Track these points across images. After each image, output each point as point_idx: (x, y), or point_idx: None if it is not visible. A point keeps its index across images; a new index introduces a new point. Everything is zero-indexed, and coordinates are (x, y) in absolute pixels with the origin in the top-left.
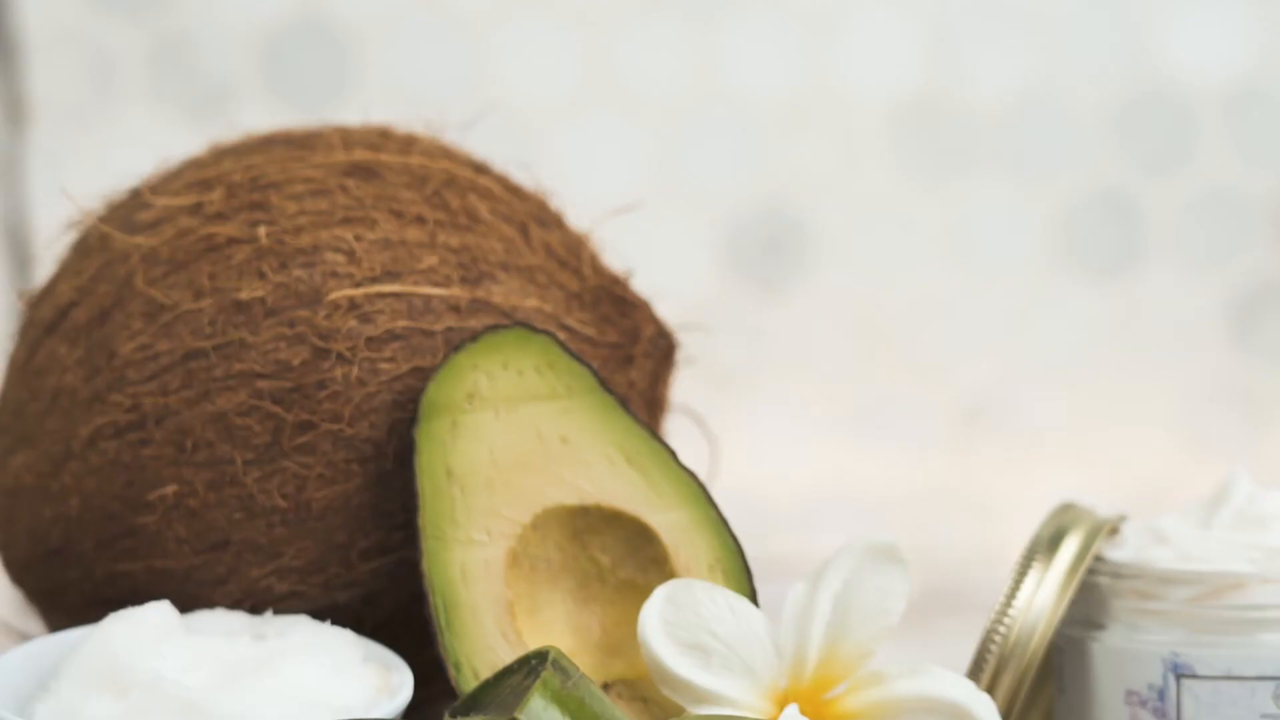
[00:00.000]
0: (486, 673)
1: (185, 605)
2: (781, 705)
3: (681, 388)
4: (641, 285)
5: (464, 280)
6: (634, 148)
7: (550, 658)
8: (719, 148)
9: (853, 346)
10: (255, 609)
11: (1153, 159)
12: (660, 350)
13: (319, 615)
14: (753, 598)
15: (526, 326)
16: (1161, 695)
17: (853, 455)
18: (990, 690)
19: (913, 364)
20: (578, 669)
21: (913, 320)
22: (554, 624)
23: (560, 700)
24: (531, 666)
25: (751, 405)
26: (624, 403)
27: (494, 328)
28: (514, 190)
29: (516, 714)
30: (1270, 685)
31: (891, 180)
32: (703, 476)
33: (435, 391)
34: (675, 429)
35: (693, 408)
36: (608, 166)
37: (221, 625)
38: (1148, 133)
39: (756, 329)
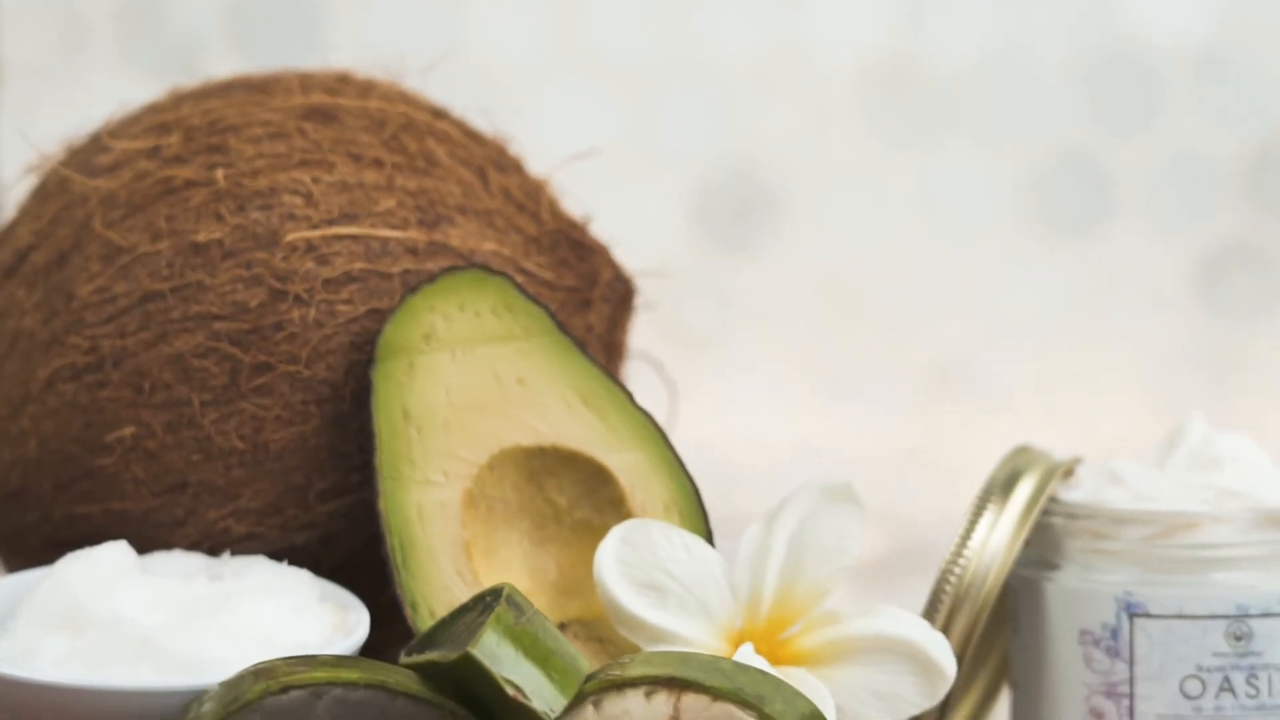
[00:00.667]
0: (443, 612)
1: (143, 547)
2: (737, 645)
3: (650, 348)
4: (613, 249)
5: (421, 223)
6: (604, 110)
7: (505, 594)
8: (689, 110)
9: (822, 308)
10: (213, 551)
11: (1120, 121)
12: (618, 295)
13: (277, 557)
14: (709, 538)
15: (483, 268)
16: (1115, 634)
17: (822, 416)
18: (945, 630)
19: (882, 326)
20: (532, 605)
21: (882, 282)
22: (510, 564)
23: (514, 635)
24: (486, 603)
25: (721, 367)
26: (581, 345)
27: (451, 269)
28: (472, 135)
29: (470, 648)
30: (1222, 624)
31: (860, 143)
32: (662, 422)
33: (392, 333)
34: (637, 380)
35: (652, 354)
36: (578, 129)
37: (178, 566)
38: (1116, 95)
39: (726, 291)
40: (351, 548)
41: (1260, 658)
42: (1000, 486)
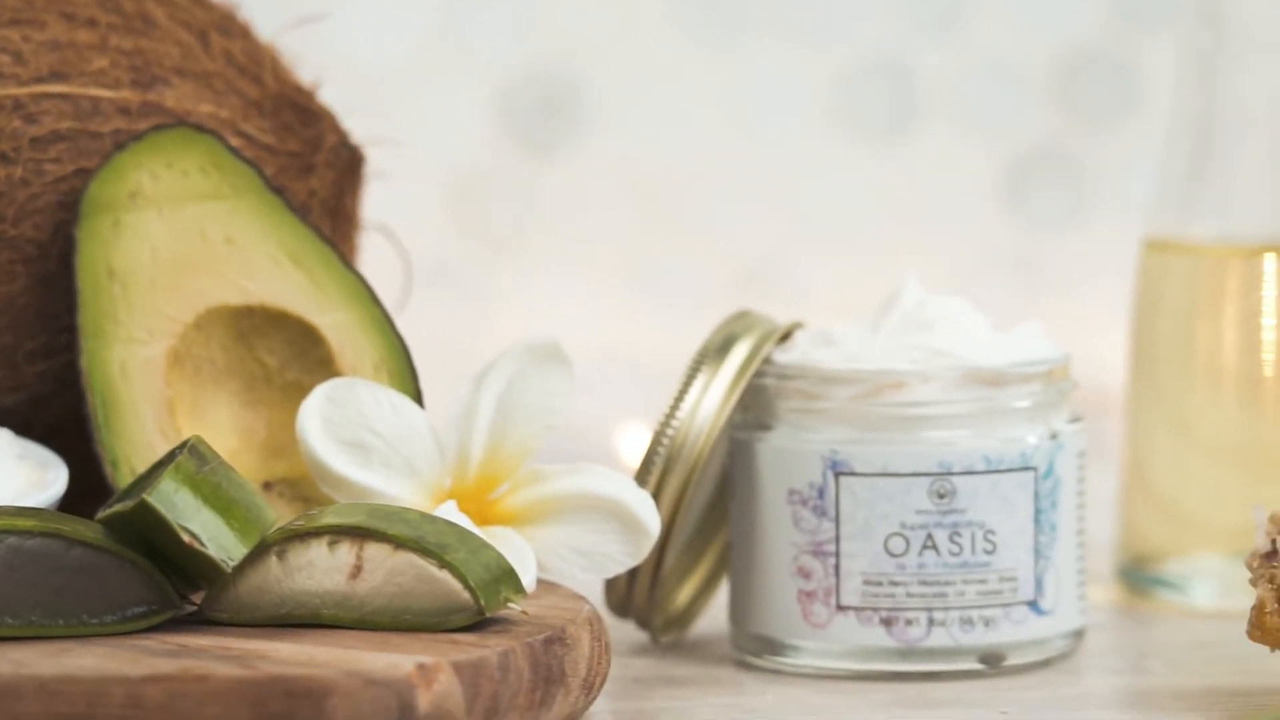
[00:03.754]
0: (144, 470)
1: None
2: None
3: (456, 250)
4: (416, 148)
5: (135, 84)
6: (405, 8)
7: (189, 444)
8: (493, 8)
9: (629, 209)
10: None
11: (930, 23)
12: (343, 161)
13: None
14: (418, 398)
15: (192, 126)
16: (821, 493)
17: (629, 319)
18: (657, 492)
19: (689, 226)
20: (218, 457)
21: (689, 183)
22: (219, 425)
23: (194, 484)
24: (173, 455)
25: (526, 270)
26: (294, 205)
27: (159, 127)
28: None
29: (145, 495)
30: (926, 481)
31: (668, 42)
32: (393, 304)
33: (97, 189)
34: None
35: (390, 228)
36: (379, 28)
37: None
38: None
39: (531, 192)
40: (63, 409)
41: (963, 515)
42: (715, 350)
